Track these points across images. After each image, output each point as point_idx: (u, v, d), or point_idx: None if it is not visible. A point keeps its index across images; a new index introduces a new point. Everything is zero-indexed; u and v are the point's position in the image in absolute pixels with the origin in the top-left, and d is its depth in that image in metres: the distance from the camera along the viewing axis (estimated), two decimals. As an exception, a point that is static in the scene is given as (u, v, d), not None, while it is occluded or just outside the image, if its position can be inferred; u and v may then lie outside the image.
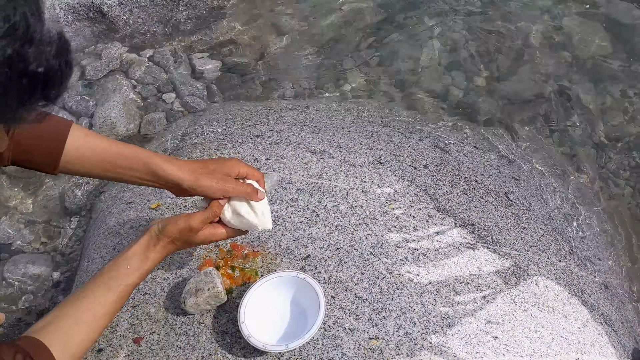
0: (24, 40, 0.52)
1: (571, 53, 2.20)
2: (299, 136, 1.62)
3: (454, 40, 2.24)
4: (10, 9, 0.52)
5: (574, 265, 1.38)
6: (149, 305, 1.16)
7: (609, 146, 1.96)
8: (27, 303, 1.48)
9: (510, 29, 2.27)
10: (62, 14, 2.04)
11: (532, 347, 1.11)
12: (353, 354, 1.04)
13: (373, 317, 1.10)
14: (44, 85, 0.55)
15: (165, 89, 2.01)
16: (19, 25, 0.52)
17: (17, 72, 0.52)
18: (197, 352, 1.07)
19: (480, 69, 2.15)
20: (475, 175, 1.56)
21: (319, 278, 1.16)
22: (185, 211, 1.35)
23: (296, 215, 1.30)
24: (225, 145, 1.58)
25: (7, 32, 0.51)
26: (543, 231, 1.44)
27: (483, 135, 1.82)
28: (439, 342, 1.08)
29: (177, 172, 0.97)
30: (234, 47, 2.20)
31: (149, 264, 0.97)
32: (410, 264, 1.21)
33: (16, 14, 0.52)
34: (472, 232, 1.33)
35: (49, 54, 0.55)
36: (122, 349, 1.10)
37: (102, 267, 0.97)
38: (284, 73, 2.13)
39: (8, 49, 0.51)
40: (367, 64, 2.17)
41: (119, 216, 1.42)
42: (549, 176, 1.76)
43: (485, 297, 1.18)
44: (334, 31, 2.28)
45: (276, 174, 1.13)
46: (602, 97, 2.08)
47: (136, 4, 2.09)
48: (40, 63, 0.54)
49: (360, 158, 1.51)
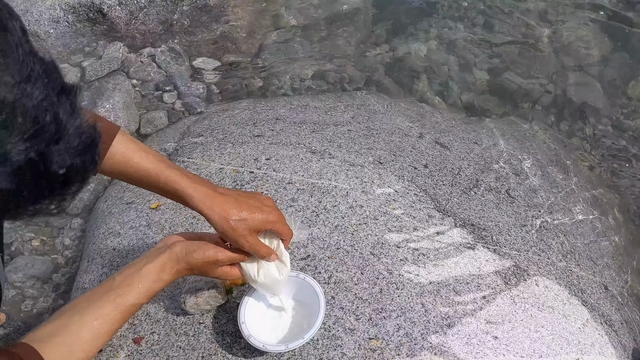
0: (51, 140, 0.48)
1: (572, 52, 2.20)
2: (299, 136, 1.62)
3: (456, 36, 2.24)
4: (41, 111, 0.47)
5: (574, 265, 1.38)
6: (148, 305, 1.16)
7: (611, 143, 1.96)
8: (27, 303, 1.48)
9: (513, 26, 2.27)
10: (62, 14, 2.04)
11: (532, 347, 1.11)
12: (353, 354, 1.04)
13: (373, 317, 1.10)
14: (63, 185, 0.51)
15: (165, 89, 2.02)
16: (48, 127, 0.47)
17: (37, 174, 0.48)
18: (197, 352, 1.07)
19: (482, 65, 2.15)
20: (475, 174, 1.56)
21: (319, 278, 1.16)
22: (186, 212, 1.34)
23: (296, 216, 1.30)
24: (225, 145, 1.58)
25: (34, 134, 0.47)
26: (544, 229, 1.44)
27: (484, 132, 1.82)
28: (439, 342, 1.08)
29: (208, 212, 0.90)
30: (234, 47, 2.20)
31: (161, 285, 0.92)
32: (410, 264, 1.21)
33: (47, 116, 0.47)
34: (472, 232, 1.33)
35: (75, 150, 0.50)
36: (122, 349, 1.10)
37: (112, 277, 0.92)
38: (284, 72, 2.13)
39: (31, 153, 0.47)
40: (368, 61, 2.17)
41: (119, 216, 1.42)
42: (550, 172, 1.76)
43: (485, 297, 1.18)
44: (334, 28, 2.28)
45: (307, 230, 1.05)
46: (607, 92, 2.08)
47: (136, 4, 2.09)
48: (64, 163, 0.49)
49: (360, 158, 1.51)
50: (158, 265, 0.92)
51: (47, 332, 0.84)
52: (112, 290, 0.89)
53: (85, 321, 0.86)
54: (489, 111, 2.03)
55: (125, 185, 1.55)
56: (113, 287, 0.89)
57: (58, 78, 0.50)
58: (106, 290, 0.89)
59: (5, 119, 0.45)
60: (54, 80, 0.49)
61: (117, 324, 0.88)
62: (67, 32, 2.07)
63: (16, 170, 0.47)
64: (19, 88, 0.46)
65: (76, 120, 0.50)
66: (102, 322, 0.86)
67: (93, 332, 0.85)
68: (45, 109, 0.47)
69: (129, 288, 0.89)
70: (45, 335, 0.83)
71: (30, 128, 0.46)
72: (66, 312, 0.88)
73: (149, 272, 0.91)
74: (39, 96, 0.47)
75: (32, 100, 0.47)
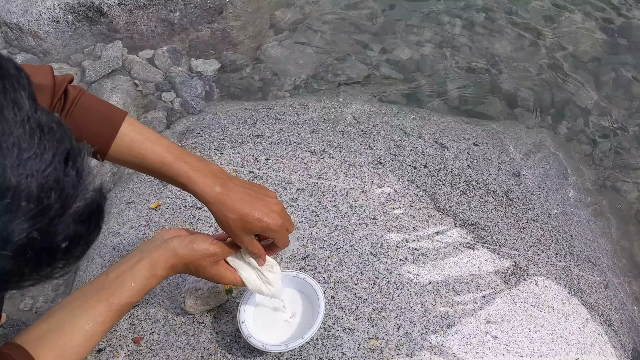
0: (55, 216, 0.46)
1: (573, 51, 2.20)
2: (299, 136, 1.62)
3: (455, 36, 2.24)
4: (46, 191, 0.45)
5: (573, 265, 1.38)
6: (148, 305, 1.16)
7: (611, 144, 1.96)
8: (26, 302, 1.48)
9: (514, 24, 2.27)
10: (61, 14, 2.04)
11: (531, 346, 1.11)
12: (353, 354, 1.04)
13: (373, 317, 1.10)
14: (66, 253, 0.48)
15: (164, 89, 2.02)
16: (53, 205, 0.45)
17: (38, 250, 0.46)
18: (197, 352, 1.07)
19: (482, 65, 2.15)
20: (475, 175, 1.56)
21: (318, 278, 1.16)
22: (186, 212, 1.35)
23: (296, 215, 1.30)
24: (225, 145, 1.58)
25: (37, 214, 0.45)
26: (543, 231, 1.44)
27: (484, 132, 1.82)
28: (438, 342, 1.08)
29: (212, 208, 0.89)
30: (233, 46, 2.20)
31: (155, 281, 0.90)
32: (410, 263, 1.21)
33: (52, 194, 0.45)
34: (472, 231, 1.33)
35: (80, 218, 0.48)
36: (121, 349, 1.10)
37: (105, 273, 0.90)
38: (284, 71, 2.13)
39: (33, 232, 0.44)
40: (367, 60, 2.17)
41: (118, 216, 1.42)
42: (550, 173, 1.76)
43: (485, 297, 1.18)
44: (334, 27, 2.29)
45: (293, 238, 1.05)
46: (606, 93, 2.08)
47: (136, 4, 2.09)
48: (67, 234, 0.47)
49: (360, 158, 1.51)
50: (151, 261, 0.89)
51: (39, 333, 0.82)
52: (105, 289, 0.87)
53: (77, 322, 0.84)
54: (489, 112, 2.03)
55: (125, 185, 1.55)
56: (106, 285, 0.87)
57: (64, 144, 0.48)
58: (99, 289, 0.87)
59: (10, 203, 0.43)
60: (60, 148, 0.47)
61: (110, 323, 0.87)
62: (67, 32, 2.07)
63: (17, 250, 0.45)
64: (24, 168, 0.44)
65: (81, 188, 0.48)
66: (95, 323, 0.84)
67: (85, 334, 0.83)
68: (50, 188, 0.45)
69: (122, 287, 0.87)
70: (37, 336, 0.82)
71: (35, 209, 0.45)
72: (58, 312, 0.86)
73: (142, 269, 0.88)
74: (44, 172, 0.45)
75: (37, 180, 0.44)
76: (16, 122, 0.45)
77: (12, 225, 0.44)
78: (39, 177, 0.45)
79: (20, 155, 0.44)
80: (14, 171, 0.44)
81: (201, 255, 0.91)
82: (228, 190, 0.89)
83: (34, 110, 0.47)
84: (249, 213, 0.89)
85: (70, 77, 0.91)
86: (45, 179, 0.45)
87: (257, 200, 0.91)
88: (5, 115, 0.44)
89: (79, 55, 2.09)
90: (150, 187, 1.47)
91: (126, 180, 1.58)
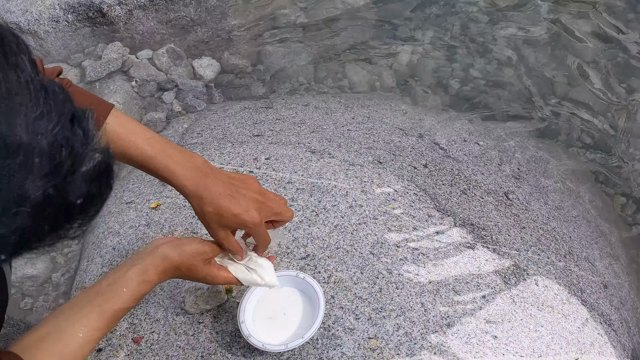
0: (67, 173, 0.48)
1: (573, 51, 2.20)
2: (299, 136, 1.62)
3: (456, 36, 2.24)
4: (56, 147, 0.46)
5: (573, 265, 1.38)
6: (148, 304, 1.16)
7: (612, 144, 1.96)
8: (26, 302, 1.48)
9: (513, 24, 2.27)
10: (61, 14, 2.04)
11: (531, 346, 1.11)
12: (353, 354, 1.04)
13: (373, 317, 1.10)
14: (81, 211, 0.51)
15: (165, 89, 2.02)
16: (65, 162, 0.47)
17: (55, 207, 0.48)
18: (197, 352, 1.07)
19: (482, 66, 2.15)
20: (475, 175, 1.56)
21: (318, 278, 1.16)
22: (186, 212, 1.35)
23: (296, 215, 1.30)
24: (225, 145, 1.58)
25: (51, 171, 0.46)
26: (542, 231, 1.44)
27: (484, 132, 1.82)
28: (438, 342, 1.08)
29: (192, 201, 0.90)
30: (233, 47, 2.20)
31: (147, 287, 0.91)
32: (409, 263, 1.21)
33: (63, 151, 0.47)
34: (472, 231, 1.33)
35: (91, 177, 0.50)
36: (121, 349, 1.10)
37: (99, 282, 0.91)
38: (284, 71, 2.13)
39: (49, 189, 0.46)
40: (367, 60, 2.17)
41: (118, 216, 1.42)
42: (550, 173, 1.76)
43: (484, 296, 1.18)
44: (333, 27, 2.29)
45: (281, 229, 1.05)
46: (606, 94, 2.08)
47: (136, 4, 2.09)
48: (81, 193, 0.49)
49: (360, 157, 1.51)
50: (143, 267, 0.90)
51: (35, 340, 0.83)
52: (99, 295, 0.88)
53: (72, 330, 0.85)
54: (489, 112, 2.03)
55: (125, 185, 1.55)
56: (99, 292, 0.88)
57: (68, 105, 0.49)
58: (93, 296, 0.88)
59: (23, 161, 0.45)
60: (65, 109, 0.49)
61: (106, 329, 0.88)
62: (67, 32, 2.07)
63: (35, 207, 0.46)
64: (33, 127, 0.46)
65: (90, 147, 0.50)
66: (90, 330, 0.85)
67: (80, 341, 0.84)
68: (61, 145, 0.47)
69: (114, 293, 0.88)
70: (33, 343, 0.82)
71: (47, 165, 0.46)
72: (53, 320, 0.87)
73: (134, 276, 0.89)
74: (53, 131, 0.46)
75: (47, 138, 0.46)
76: (20, 84, 0.46)
77: (27, 183, 0.45)
78: (48, 135, 0.46)
79: (28, 115, 0.45)
80: (24, 129, 0.45)
81: (191, 255, 0.92)
82: (208, 184, 0.90)
83: (36, 73, 0.48)
84: (226, 208, 0.89)
85: (59, 69, 0.92)
86: (54, 137, 0.46)
87: (236, 195, 0.91)
88: (9, 76, 0.46)
89: (79, 55, 2.09)
90: (150, 187, 1.47)
91: (126, 180, 1.58)
